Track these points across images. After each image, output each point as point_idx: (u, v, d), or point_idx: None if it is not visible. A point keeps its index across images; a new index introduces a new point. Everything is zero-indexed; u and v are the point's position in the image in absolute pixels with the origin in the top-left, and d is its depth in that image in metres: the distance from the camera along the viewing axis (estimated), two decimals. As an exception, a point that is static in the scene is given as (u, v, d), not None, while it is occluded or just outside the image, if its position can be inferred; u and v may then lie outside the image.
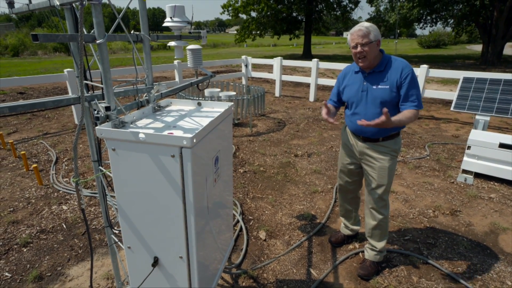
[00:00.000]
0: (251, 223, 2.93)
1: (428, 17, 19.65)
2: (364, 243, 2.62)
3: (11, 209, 3.12)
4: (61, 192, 3.44)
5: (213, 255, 1.50)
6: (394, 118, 1.81)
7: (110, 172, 1.22)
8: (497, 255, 2.52)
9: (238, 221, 2.91)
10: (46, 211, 3.08)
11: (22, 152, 3.95)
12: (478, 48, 33.90)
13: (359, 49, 1.87)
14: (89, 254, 2.48)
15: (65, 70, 5.66)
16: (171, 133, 1.18)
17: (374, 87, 1.95)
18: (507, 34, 17.10)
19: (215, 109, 1.57)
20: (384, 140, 2.04)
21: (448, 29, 24.16)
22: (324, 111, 2.02)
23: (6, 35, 25.20)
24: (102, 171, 1.38)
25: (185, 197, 1.13)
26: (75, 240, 2.64)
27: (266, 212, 3.13)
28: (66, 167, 4.08)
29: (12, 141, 4.49)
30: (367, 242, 2.34)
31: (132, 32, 1.33)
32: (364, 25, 1.86)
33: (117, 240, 1.55)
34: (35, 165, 3.59)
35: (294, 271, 2.34)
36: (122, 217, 1.24)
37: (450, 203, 3.30)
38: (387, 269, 2.35)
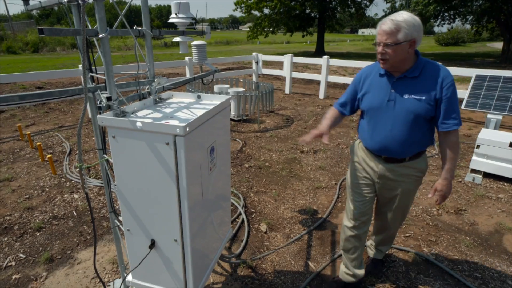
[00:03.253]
0: (253, 216, 2.99)
1: (446, 14, 19.11)
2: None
3: (27, 196, 3.29)
4: (73, 181, 3.59)
5: (209, 242, 1.57)
6: (450, 167, 1.62)
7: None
8: (500, 254, 2.50)
9: (240, 214, 2.98)
10: (59, 199, 3.23)
11: (38, 143, 4.13)
12: (499, 46, 32.70)
13: (380, 48, 1.52)
14: (97, 240, 2.60)
15: (80, 66, 5.85)
16: (168, 123, 1.25)
17: (406, 96, 1.57)
18: (530, 31, 16.45)
19: (214, 102, 1.64)
20: (411, 159, 1.71)
21: (468, 26, 23.38)
22: (324, 128, 1.80)
23: (27, 32, 26.09)
24: (106, 157, 1.47)
25: (179, 182, 1.20)
26: (84, 226, 2.78)
27: (269, 205, 3.19)
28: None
29: (29, 132, 4.71)
30: (372, 243, 2.29)
31: (134, 27, 1.41)
32: (396, 18, 1.45)
33: (118, 224, 1.64)
34: (49, 155, 3.76)
35: (293, 263, 2.39)
36: (121, 201, 1.33)
37: (456, 202, 3.27)
38: (385, 264, 2.37)
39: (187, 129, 1.12)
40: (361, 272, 2.06)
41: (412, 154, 1.69)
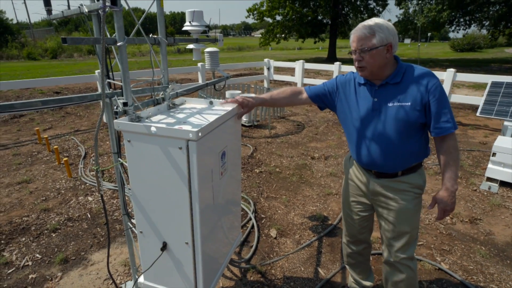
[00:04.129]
0: (263, 221, 3.00)
1: (461, 20, 18.81)
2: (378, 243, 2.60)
3: (44, 198, 3.39)
4: (87, 184, 3.69)
5: (219, 245, 1.59)
6: (450, 175, 1.45)
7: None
8: (518, 266, 2.42)
9: (250, 219, 2.99)
10: (74, 201, 3.32)
11: (55, 147, 4.27)
12: (517, 51, 31.83)
13: (356, 56, 1.42)
14: (110, 242, 2.66)
15: (96, 71, 6.03)
16: (181, 128, 1.28)
17: (390, 104, 1.46)
18: (549, 36, 15.99)
19: (225, 108, 1.67)
20: (404, 174, 1.55)
21: (484, 31, 22.91)
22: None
23: (46, 38, 27.08)
24: (120, 161, 1.52)
25: (191, 186, 1.23)
26: (98, 229, 2.84)
27: (279, 211, 3.19)
28: (93, 162, 4.36)
29: (47, 136, 4.87)
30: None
31: (150, 35, 1.46)
32: (369, 23, 1.39)
33: (131, 226, 1.68)
34: (66, 159, 3.88)
35: (302, 269, 2.38)
36: (135, 204, 1.36)
37: (470, 211, 3.19)
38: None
39: (200, 134, 1.15)
40: (369, 283, 2.03)
41: (404, 168, 1.54)
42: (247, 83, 7.53)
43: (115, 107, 1.33)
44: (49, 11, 1.73)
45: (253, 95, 6.24)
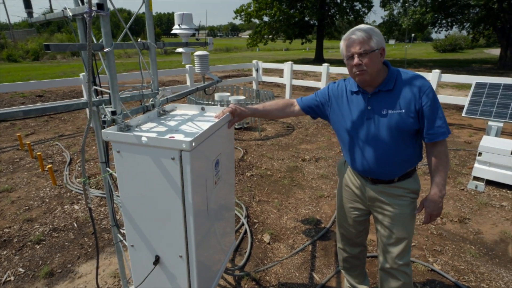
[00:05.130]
0: (255, 226, 2.96)
1: (444, 21, 19.31)
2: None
3: (27, 207, 3.25)
4: (73, 192, 3.56)
5: (214, 255, 1.54)
6: (439, 180, 1.47)
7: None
8: (506, 264, 2.47)
9: (243, 224, 2.95)
10: (59, 210, 3.20)
11: (38, 153, 4.11)
12: (496, 52, 32.97)
13: (356, 60, 1.39)
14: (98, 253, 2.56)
15: (81, 74, 5.86)
16: (173, 137, 1.23)
17: (384, 112, 1.45)
18: (526, 38, 16.60)
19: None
20: (401, 180, 1.56)
21: (465, 33, 23.65)
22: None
23: (27, 40, 26.25)
24: (109, 172, 1.45)
25: (185, 198, 1.18)
26: (85, 238, 2.74)
27: (271, 215, 3.16)
28: (79, 168, 4.22)
29: (29, 142, 4.69)
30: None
31: (139, 40, 1.41)
32: (363, 27, 1.40)
33: (122, 239, 1.61)
34: (50, 165, 3.74)
35: (297, 274, 2.35)
36: (126, 216, 1.30)
37: (459, 211, 3.24)
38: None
39: (193, 144, 1.11)
40: (365, 287, 2.03)
41: (401, 174, 1.54)
42: (236, 85, 7.49)
43: (102, 115, 1.27)
44: (30, 14, 1.64)
45: (243, 97, 6.21)
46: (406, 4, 18.46)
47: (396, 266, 1.63)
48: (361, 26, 1.42)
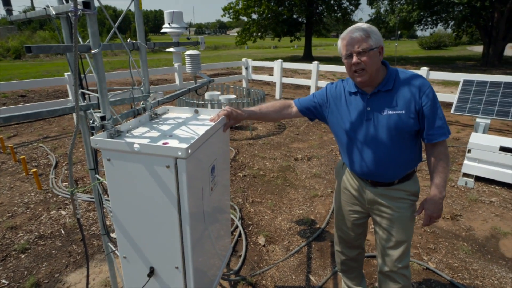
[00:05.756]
0: (250, 228, 2.91)
1: (429, 19, 19.65)
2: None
3: (10, 214, 3.11)
4: (60, 197, 3.43)
5: (211, 263, 1.49)
6: (439, 181, 1.44)
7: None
8: (498, 260, 2.50)
9: (237, 226, 2.90)
10: (45, 216, 3.08)
11: (22, 157, 3.95)
12: (478, 49, 33.82)
13: (355, 59, 1.36)
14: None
15: (66, 74, 5.67)
16: (167, 143, 1.17)
17: (384, 113, 1.42)
18: (508, 35, 17.08)
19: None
20: (401, 182, 1.53)
21: (449, 30, 24.18)
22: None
23: (8, 37, 25.34)
24: (99, 179, 1.38)
25: (180, 207, 1.12)
26: (73, 246, 2.64)
27: (266, 217, 3.12)
28: (66, 172, 4.08)
29: (12, 145, 4.50)
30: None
31: (128, 40, 1.33)
32: (362, 26, 1.37)
33: (114, 249, 1.54)
34: (34, 169, 3.59)
35: (293, 277, 2.32)
36: (117, 227, 1.23)
37: (451, 207, 3.28)
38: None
39: (189, 151, 1.05)
40: None
41: (401, 176, 1.52)
42: (226, 83, 7.40)
43: (91, 121, 1.19)
44: (9, 11, 1.54)
45: (233, 96, 6.13)
46: (393, 2, 18.68)
47: (396, 269, 1.61)
48: (359, 24, 1.39)
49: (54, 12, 1.20)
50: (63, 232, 2.83)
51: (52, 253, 2.55)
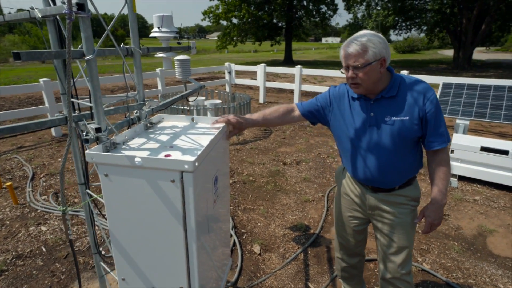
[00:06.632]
0: (244, 237, 2.84)
1: (403, 24, 20.44)
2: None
3: (-17, 232, 2.87)
4: (39, 211, 3.21)
5: (214, 277, 1.41)
6: (440, 188, 1.43)
7: (101, 197, 1.11)
8: (487, 258, 2.57)
9: (231, 236, 2.81)
10: (23, 233, 2.86)
11: (-5, 169, 3.68)
12: (448, 53, 35.54)
13: (350, 73, 1.35)
14: (73, 280, 2.31)
15: (41, 80, 5.38)
16: (169, 155, 1.10)
17: (387, 119, 1.40)
18: (475, 40, 18.05)
19: (214, 126, 1.50)
20: (402, 187, 1.52)
21: (422, 35, 25.32)
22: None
23: (-27, 42, 23.89)
24: (91, 196, 1.27)
25: (186, 224, 1.05)
26: (57, 264, 2.46)
27: (259, 224, 3.06)
28: (44, 184, 3.84)
29: (-18, 156, 4.19)
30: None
31: (122, 45, 1.24)
32: (360, 39, 1.32)
33: (109, 271, 1.43)
34: (9, 183, 3.35)
35: (292, 286, 2.27)
36: (115, 247, 1.14)
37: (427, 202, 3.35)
38: (384, 279, 2.34)
39: (196, 164, 0.98)
40: None
41: (402, 182, 1.51)
42: (210, 88, 7.31)
43: (84, 133, 1.09)
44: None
45: (219, 101, 6.05)
46: (369, 8, 19.30)
47: (398, 276, 1.60)
48: (359, 34, 1.34)
49: (39, 15, 1.10)
50: (44, 250, 2.63)
51: (33, 273, 2.36)
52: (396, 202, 1.53)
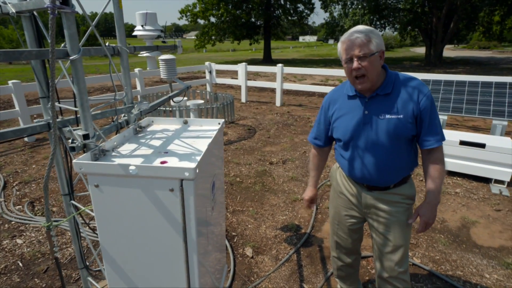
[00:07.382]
0: (235, 240, 2.78)
1: (378, 23, 21.02)
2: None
3: (-50, 249, 2.64)
4: (13, 223, 2.99)
5: (211, 285, 1.35)
6: (435, 187, 1.43)
7: (91, 210, 1.02)
8: (472, 249, 2.65)
9: (221, 239, 2.74)
10: (-4, 247, 2.65)
11: (-40, 179, 3.39)
12: (420, 50, 36.95)
13: (355, 64, 1.32)
14: (55, 295, 2.16)
15: (10, 82, 5.05)
16: (165, 162, 1.02)
17: (382, 117, 1.40)
18: (445, 38, 18.87)
19: (204, 128, 1.43)
20: (396, 186, 1.52)
21: (395, 33, 26.19)
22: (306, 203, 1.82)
23: None
24: (78, 208, 1.17)
25: (187, 235, 0.98)
26: (35, 279, 2.29)
27: (249, 226, 3.01)
28: (18, 193, 3.59)
29: None
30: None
31: (107, 44, 1.15)
32: (362, 29, 1.32)
33: (98, 287, 1.32)
34: (-22, 193, 3.10)
35: (287, 288, 2.24)
36: (108, 263, 1.05)
37: (422, 201, 3.44)
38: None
39: (197, 171, 0.91)
40: None
41: (397, 181, 1.51)
42: (192, 88, 7.15)
43: (70, 140, 1.00)
44: None
45: (201, 101, 5.92)
46: (345, 7, 19.70)
47: (395, 274, 1.59)
48: (360, 27, 1.34)
49: (13, 10, 0.99)
50: (21, 264, 2.45)
51: (10, 291, 2.19)
52: (392, 201, 1.53)
